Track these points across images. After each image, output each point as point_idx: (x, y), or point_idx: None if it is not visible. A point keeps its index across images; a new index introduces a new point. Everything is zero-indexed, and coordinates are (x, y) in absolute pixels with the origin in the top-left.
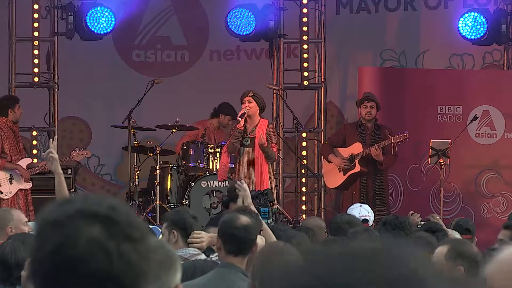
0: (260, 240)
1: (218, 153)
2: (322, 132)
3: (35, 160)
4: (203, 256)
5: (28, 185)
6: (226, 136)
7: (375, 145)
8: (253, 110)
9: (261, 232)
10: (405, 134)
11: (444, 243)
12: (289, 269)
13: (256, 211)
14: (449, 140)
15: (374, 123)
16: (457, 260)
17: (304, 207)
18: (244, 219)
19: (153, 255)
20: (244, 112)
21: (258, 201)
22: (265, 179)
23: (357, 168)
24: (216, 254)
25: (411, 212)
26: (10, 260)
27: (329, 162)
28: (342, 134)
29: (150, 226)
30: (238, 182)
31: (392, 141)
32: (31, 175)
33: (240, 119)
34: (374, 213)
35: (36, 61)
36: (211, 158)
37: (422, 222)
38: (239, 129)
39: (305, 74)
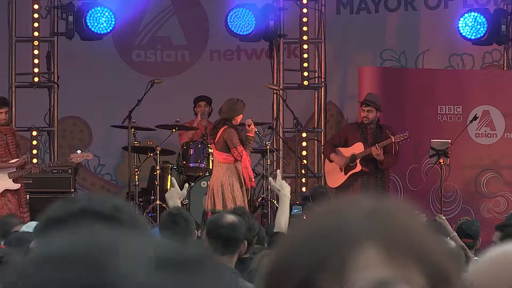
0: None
1: None
2: (322, 132)
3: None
4: None
5: (16, 186)
6: None
7: (376, 144)
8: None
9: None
10: (405, 134)
11: None
12: None
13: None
14: (449, 140)
15: (376, 123)
16: None
17: None
18: (230, 218)
19: None
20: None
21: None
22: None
23: (358, 167)
24: None
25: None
26: None
27: (331, 161)
28: (343, 134)
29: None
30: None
31: (393, 140)
32: (20, 174)
33: (248, 125)
34: None
35: (36, 61)
36: (211, 158)
37: None
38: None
39: (305, 74)
